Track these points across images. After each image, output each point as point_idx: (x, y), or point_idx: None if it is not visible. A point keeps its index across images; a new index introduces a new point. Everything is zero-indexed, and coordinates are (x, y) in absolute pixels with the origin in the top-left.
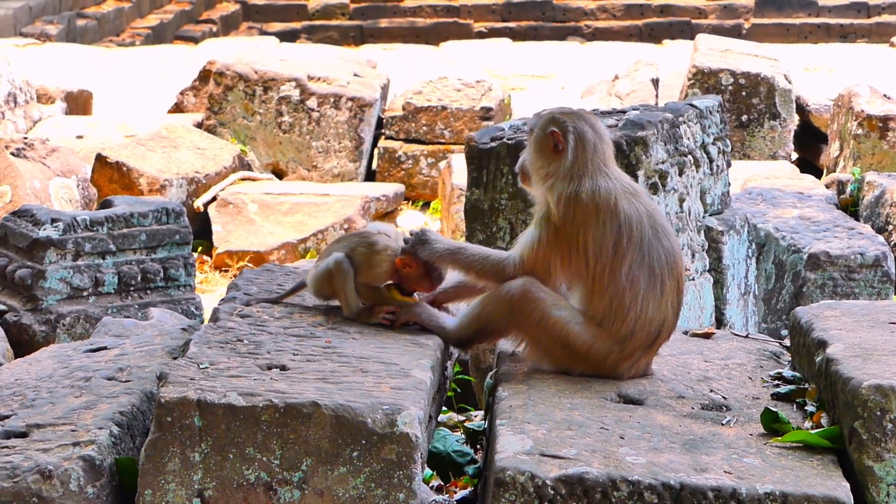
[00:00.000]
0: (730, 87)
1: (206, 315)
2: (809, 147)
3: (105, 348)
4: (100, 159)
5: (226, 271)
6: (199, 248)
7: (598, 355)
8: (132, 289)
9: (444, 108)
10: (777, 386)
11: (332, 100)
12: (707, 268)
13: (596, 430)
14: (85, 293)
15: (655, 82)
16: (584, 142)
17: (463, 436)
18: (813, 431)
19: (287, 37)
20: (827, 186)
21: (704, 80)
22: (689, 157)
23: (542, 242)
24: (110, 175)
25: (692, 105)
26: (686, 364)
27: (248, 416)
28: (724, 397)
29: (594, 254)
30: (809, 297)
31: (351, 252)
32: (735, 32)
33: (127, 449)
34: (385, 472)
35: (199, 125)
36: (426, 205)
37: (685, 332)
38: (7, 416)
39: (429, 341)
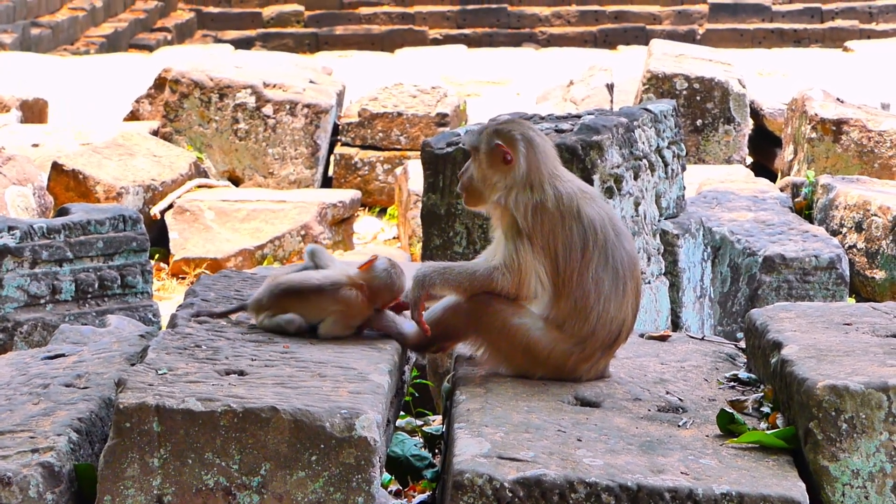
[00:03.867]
0: (684, 92)
1: (164, 322)
2: (764, 151)
3: (63, 355)
4: (56, 167)
5: (183, 278)
6: (156, 256)
7: (559, 358)
8: (89, 296)
9: (399, 114)
10: (733, 388)
11: (287, 107)
12: (663, 271)
13: (553, 432)
14: (42, 301)
15: (610, 87)
16: (535, 147)
17: (421, 440)
18: (768, 432)
19: (242, 45)
20: (781, 190)
21: (659, 84)
22: (645, 161)
23: (523, 253)
24: (66, 183)
25: (647, 109)
26: (642, 366)
27: (206, 422)
28: (680, 399)
29: (563, 258)
30: (764, 299)
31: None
32: (689, 38)
33: (86, 455)
34: (344, 476)
35: (155, 133)
36: (382, 211)
37: (641, 335)
38: None
39: (386, 346)
